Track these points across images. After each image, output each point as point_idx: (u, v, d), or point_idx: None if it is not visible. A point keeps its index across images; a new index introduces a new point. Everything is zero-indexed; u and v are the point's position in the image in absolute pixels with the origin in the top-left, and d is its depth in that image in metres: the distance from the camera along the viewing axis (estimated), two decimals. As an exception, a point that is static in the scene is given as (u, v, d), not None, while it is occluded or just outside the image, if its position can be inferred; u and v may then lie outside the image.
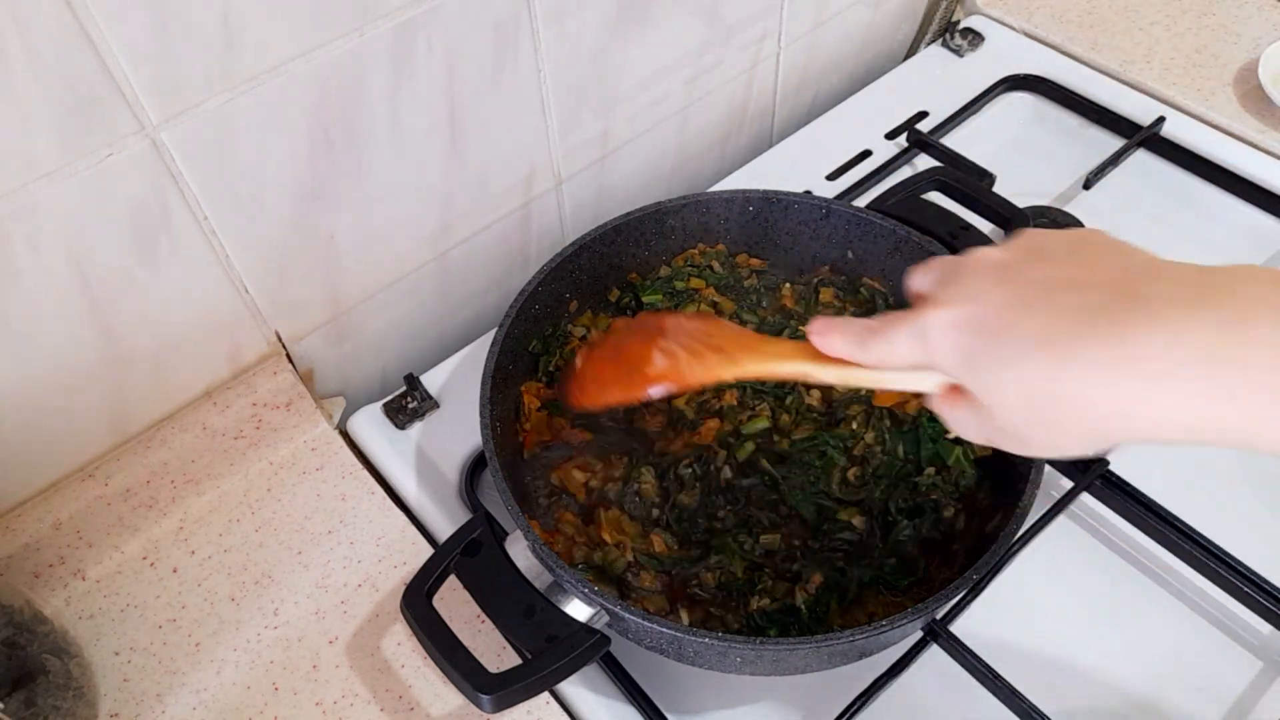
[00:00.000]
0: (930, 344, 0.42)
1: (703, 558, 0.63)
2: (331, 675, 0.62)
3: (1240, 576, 0.64)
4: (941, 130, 0.95)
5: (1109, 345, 0.36)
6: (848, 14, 0.99)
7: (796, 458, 0.67)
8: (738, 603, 0.62)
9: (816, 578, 0.62)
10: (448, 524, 0.70)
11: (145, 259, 0.61)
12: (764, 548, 0.64)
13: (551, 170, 0.82)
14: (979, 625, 0.64)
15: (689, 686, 0.64)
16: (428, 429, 0.76)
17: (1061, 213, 0.86)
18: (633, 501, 0.66)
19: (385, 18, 0.62)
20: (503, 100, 0.73)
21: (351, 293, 0.75)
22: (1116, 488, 0.69)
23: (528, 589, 0.57)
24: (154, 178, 0.58)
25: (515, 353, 0.70)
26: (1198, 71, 0.98)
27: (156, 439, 0.70)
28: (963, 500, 0.65)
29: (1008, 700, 0.59)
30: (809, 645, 0.54)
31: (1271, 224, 0.88)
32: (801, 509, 0.65)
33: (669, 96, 0.87)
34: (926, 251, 0.72)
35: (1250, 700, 0.62)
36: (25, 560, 0.65)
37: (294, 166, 0.64)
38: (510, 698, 0.54)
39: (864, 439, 0.68)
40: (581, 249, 0.73)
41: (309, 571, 0.66)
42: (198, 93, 0.57)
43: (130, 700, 0.61)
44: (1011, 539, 0.57)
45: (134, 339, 0.64)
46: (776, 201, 0.76)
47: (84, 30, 0.51)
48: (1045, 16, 1.05)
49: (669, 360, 0.52)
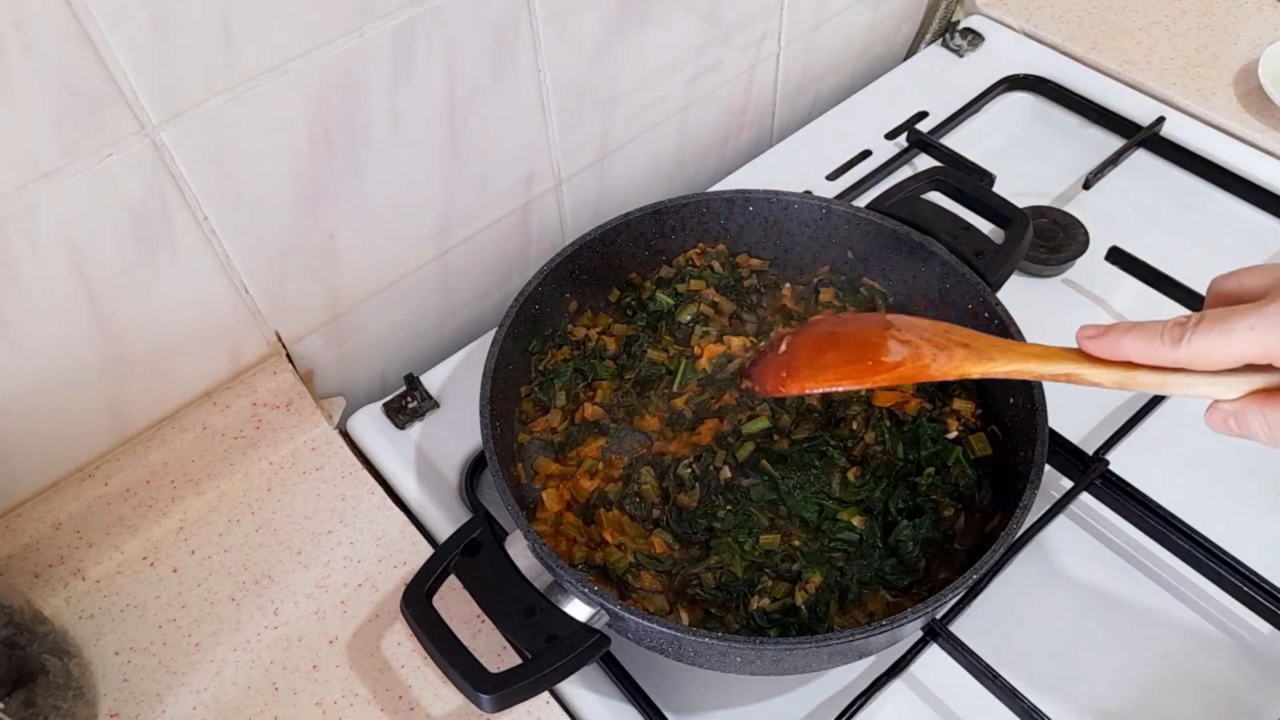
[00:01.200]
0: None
1: (703, 558, 0.63)
2: (331, 675, 0.62)
3: (1240, 576, 0.64)
4: (941, 130, 0.95)
5: None
6: (848, 14, 0.99)
7: (796, 458, 0.67)
8: (737, 603, 0.62)
9: (816, 578, 0.62)
10: (448, 524, 0.70)
11: (145, 259, 0.61)
12: (764, 548, 0.64)
13: (551, 170, 0.82)
14: (979, 625, 0.64)
15: (689, 686, 0.64)
16: (428, 429, 0.76)
17: (1061, 213, 0.86)
18: (634, 502, 0.66)
19: (385, 18, 0.62)
20: (503, 100, 0.73)
21: (351, 293, 0.75)
22: (1116, 488, 0.69)
23: (528, 589, 0.57)
24: (154, 178, 0.58)
25: (515, 353, 0.70)
26: (1198, 71, 0.98)
27: (156, 439, 0.70)
28: (962, 500, 0.65)
29: (1008, 700, 0.59)
30: (809, 645, 0.54)
31: (1271, 224, 0.88)
32: (801, 509, 0.65)
33: (669, 96, 0.87)
34: (926, 251, 0.72)
35: (1250, 700, 0.62)
36: (25, 560, 0.65)
37: (294, 167, 0.64)
38: (510, 698, 0.54)
39: (864, 439, 0.68)
40: (581, 249, 0.73)
41: (309, 571, 0.66)
42: (198, 93, 0.57)
43: (130, 700, 0.61)
44: (1011, 539, 0.57)
45: (134, 339, 0.64)
46: (776, 201, 0.76)
47: (84, 30, 0.51)
48: (1045, 16, 1.05)
49: (910, 350, 0.52)
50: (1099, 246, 0.83)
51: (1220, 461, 0.73)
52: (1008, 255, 0.71)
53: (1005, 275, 0.71)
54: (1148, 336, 0.45)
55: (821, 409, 0.70)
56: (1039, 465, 0.60)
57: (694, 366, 0.72)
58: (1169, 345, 0.44)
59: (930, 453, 0.67)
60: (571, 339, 0.74)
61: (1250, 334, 0.42)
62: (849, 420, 0.69)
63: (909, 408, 0.69)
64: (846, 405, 0.70)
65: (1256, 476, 0.72)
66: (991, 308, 0.68)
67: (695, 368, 0.72)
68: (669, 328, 0.75)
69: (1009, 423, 0.66)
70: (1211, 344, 0.43)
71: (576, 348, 0.74)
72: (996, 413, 0.68)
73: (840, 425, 0.69)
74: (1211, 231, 0.88)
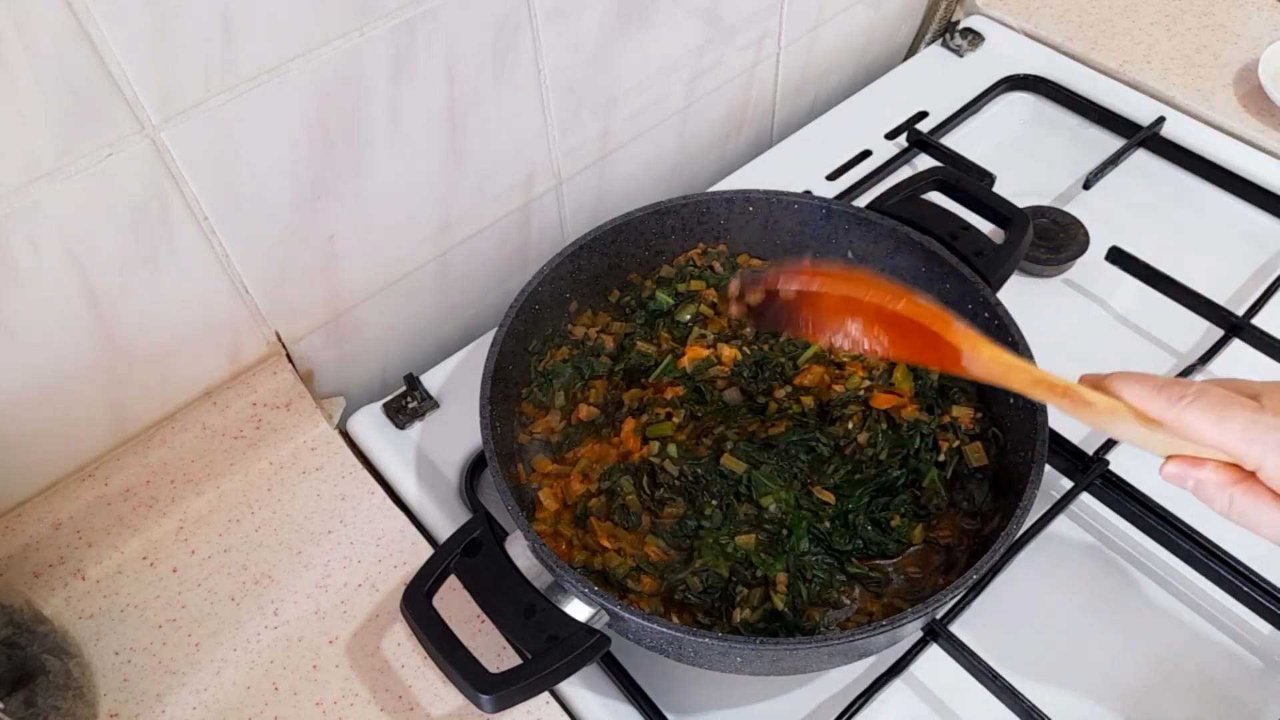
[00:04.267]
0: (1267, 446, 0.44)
1: (688, 562, 0.63)
2: (331, 675, 0.62)
3: (1240, 576, 0.64)
4: (941, 130, 0.95)
5: None
6: (848, 14, 0.99)
7: (783, 450, 0.67)
8: (721, 613, 0.61)
9: (782, 575, 0.62)
10: (448, 524, 0.70)
11: (145, 259, 0.61)
12: (742, 549, 0.63)
13: (551, 170, 0.82)
14: (979, 625, 0.64)
15: (689, 686, 0.64)
16: (428, 429, 0.76)
17: (1061, 213, 0.86)
18: (620, 514, 0.65)
19: (385, 18, 0.62)
20: (503, 100, 0.73)
21: (351, 293, 0.75)
22: (1116, 488, 0.69)
23: (528, 589, 0.57)
24: (154, 178, 0.58)
25: (515, 353, 0.70)
26: (1198, 71, 0.98)
27: (156, 439, 0.70)
28: (929, 521, 0.65)
29: (1008, 700, 0.59)
30: (809, 645, 0.54)
31: (1271, 224, 0.88)
32: (774, 495, 0.65)
33: (669, 97, 0.87)
34: (926, 251, 0.72)
35: (1250, 700, 0.62)
36: (25, 560, 0.65)
37: (294, 166, 0.64)
38: (510, 698, 0.54)
39: (857, 439, 0.68)
40: (581, 249, 0.73)
41: (309, 571, 0.66)
42: (198, 93, 0.57)
43: (130, 700, 0.61)
44: (1011, 539, 0.57)
45: (134, 339, 0.64)
46: (776, 201, 0.76)
47: (84, 30, 0.51)
48: (1045, 16, 1.05)
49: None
50: (1099, 246, 0.83)
51: (1220, 461, 0.73)
52: (1008, 255, 0.71)
53: (1005, 275, 0.71)
54: (1145, 384, 0.47)
55: (814, 409, 0.70)
56: (1039, 465, 0.60)
57: (676, 364, 0.72)
58: (1163, 401, 0.46)
59: (912, 467, 0.66)
60: (571, 338, 0.74)
61: (1240, 434, 0.44)
62: (844, 419, 0.69)
63: (906, 413, 0.69)
64: (844, 404, 0.69)
65: (1256, 476, 0.72)
66: (991, 308, 0.68)
67: (677, 365, 0.72)
68: (667, 326, 0.75)
69: (1009, 423, 0.66)
70: (1202, 424, 0.45)
71: (576, 347, 0.74)
72: (997, 413, 0.68)
73: (836, 424, 0.69)
74: (1211, 231, 0.88)
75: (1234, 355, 0.77)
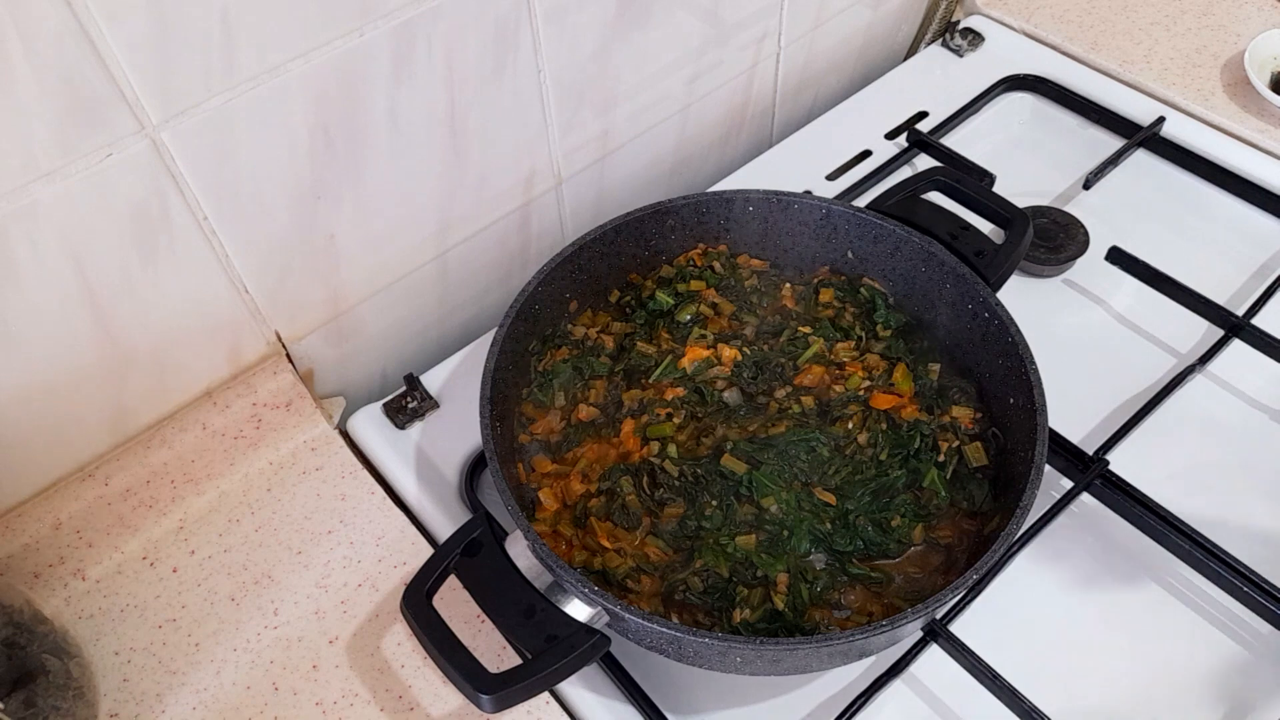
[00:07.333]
0: None
1: (688, 562, 0.63)
2: (331, 675, 0.62)
3: (1240, 576, 0.64)
4: (941, 130, 0.95)
5: None
6: (848, 14, 0.99)
7: (783, 449, 0.67)
8: (721, 615, 0.61)
9: (783, 576, 0.62)
10: (448, 524, 0.70)
11: (145, 259, 0.61)
12: (742, 550, 0.63)
13: (551, 170, 0.82)
14: (979, 625, 0.64)
15: (689, 686, 0.64)
16: (428, 429, 0.76)
17: (1061, 213, 0.86)
18: (620, 514, 0.65)
19: (385, 18, 0.62)
20: (503, 100, 0.73)
21: (351, 293, 0.75)
22: (1116, 488, 0.69)
23: (528, 589, 0.57)
24: (154, 178, 0.58)
25: (515, 353, 0.70)
26: (1197, 71, 0.98)
27: (156, 439, 0.70)
28: (930, 522, 0.65)
29: (1008, 700, 0.59)
30: (809, 645, 0.54)
31: (1271, 224, 0.88)
32: (776, 494, 0.65)
33: (669, 96, 0.87)
34: (926, 251, 0.72)
35: (1250, 700, 0.62)
36: (25, 560, 0.65)
37: (294, 166, 0.64)
38: (510, 698, 0.54)
39: (857, 439, 0.68)
40: (581, 249, 0.73)
41: (309, 571, 0.66)
42: (198, 93, 0.57)
43: (130, 700, 0.61)
44: (1011, 539, 0.57)
45: (134, 339, 0.64)
46: (776, 202, 0.76)
47: (84, 30, 0.51)
48: (1045, 16, 1.05)
49: None
50: (1099, 246, 0.83)
51: (1220, 461, 0.73)
52: (1008, 255, 0.71)
53: (1005, 275, 0.71)
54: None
55: (815, 410, 0.70)
56: (1039, 466, 0.60)
57: (676, 365, 0.72)
58: None
59: (913, 468, 0.66)
60: (571, 339, 0.74)
61: None
62: (844, 420, 0.69)
63: (906, 413, 0.69)
64: (844, 405, 0.70)
65: (1256, 476, 0.72)
66: (991, 308, 0.68)
67: (677, 366, 0.72)
68: (667, 326, 0.75)
69: (1009, 424, 0.66)
70: None
71: (576, 347, 0.74)
72: (997, 414, 0.68)
73: (836, 424, 0.69)
74: (1211, 231, 0.88)
75: (1234, 355, 0.77)
